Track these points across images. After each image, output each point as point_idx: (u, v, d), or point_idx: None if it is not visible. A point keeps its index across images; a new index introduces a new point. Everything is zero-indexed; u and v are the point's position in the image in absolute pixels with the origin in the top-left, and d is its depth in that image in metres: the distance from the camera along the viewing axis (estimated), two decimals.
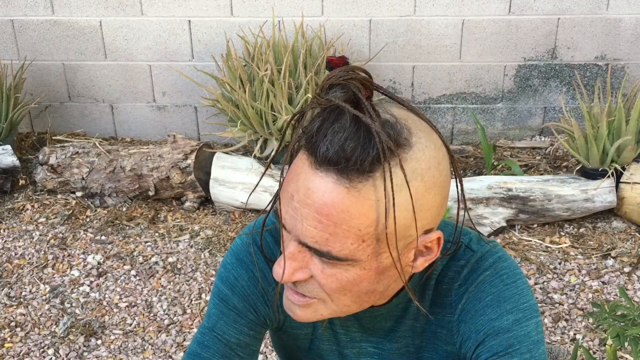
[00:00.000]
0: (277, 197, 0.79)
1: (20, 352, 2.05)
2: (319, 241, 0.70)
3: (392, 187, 0.67)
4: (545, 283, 2.29)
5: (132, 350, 2.06)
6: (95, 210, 2.72)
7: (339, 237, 0.69)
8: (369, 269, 0.73)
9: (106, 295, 2.28)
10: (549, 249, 2.46)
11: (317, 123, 0.68)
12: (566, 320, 2.13)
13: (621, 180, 2.53)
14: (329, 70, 0.69)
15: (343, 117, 0.67)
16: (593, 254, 2.42)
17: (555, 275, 2.33)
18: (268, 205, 0.85)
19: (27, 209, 2.74)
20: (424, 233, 0.74)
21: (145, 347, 2.07)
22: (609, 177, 2.53)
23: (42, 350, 2.06)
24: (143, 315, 2.19)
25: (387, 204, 0.68)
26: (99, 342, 2.09)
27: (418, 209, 0.70)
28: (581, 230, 2.55)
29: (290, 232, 0.73)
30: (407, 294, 0.86)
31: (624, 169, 2.55)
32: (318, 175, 0.68)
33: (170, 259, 2.45)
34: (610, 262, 2.38)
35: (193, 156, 2.68)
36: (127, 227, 2.63)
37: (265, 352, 2.01)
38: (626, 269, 2.34)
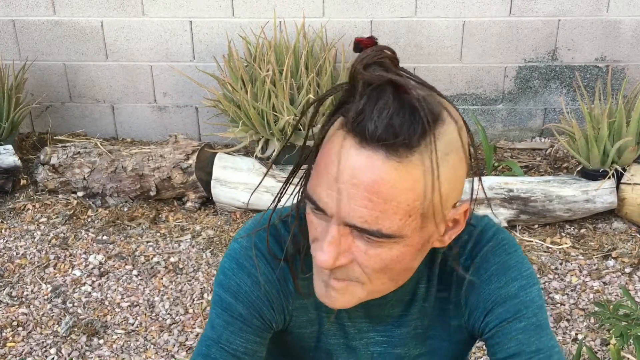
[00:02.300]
0: (283, 190, 0.79)
1: (22, 352, 2.05)
2: (369, 220, 0.70)
3: (437, 158, 0.68)
4: (546, 283, 2.30)
5: (134, 349, 2.06)
6: (97, 210, 2.72)
7: (389, 214, 0.69)
8: (411, 245, 0.74)
9: (108, 295, 2.28)
10: (549, 249, 2.47)
11: (361, 103, 0.68)
12: (567, 320, 2.14)
13: (622, 181, 2.54)
14: (358, 51, 0.69)
15: (385, 94, 0.67)
16: (594, 255, 2.43)
17: (556, 276, 2.33)
18: (269, 206, 0.84)
19: (28, 209, 2.73)
20: (453, 206, 0.76)
21: (148, 347, 2.07)
22: (609, 178, 2.54)
23: (44, 349, 2.06)
24: (145, 315, 2.20)
25: (433, 175, 0.69)
26: (101, 341, 2.09)
27: (454, 180, 0.73)
28: (582, 230, 2.56)
29: (333, 215, 0.71)
30: (415, 276, 0.86)
31: (624, 169, 2.56)
32: (364, 154, 0.68)
33: (171, 259, 2.45)
34: (611, 262, 2.39)
35: (194, 156, 2.68)
36: (129, 227, 2.63)
37: None
38: (627, 270, 2.35)
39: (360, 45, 0.69)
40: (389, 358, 0.93)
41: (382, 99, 0.67)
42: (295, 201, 0.83)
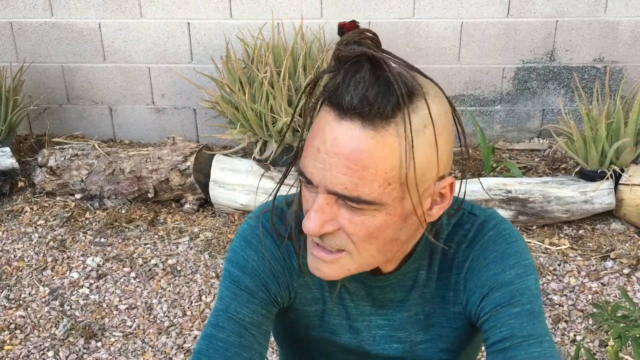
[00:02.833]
0: (288, 171, 0.85)
1: (20, 355, 2.05)
2: (349, 187, 0.74)
3: (411, 130, 0.73)
4: (544, 285, 2.30)
5: (132, 352, 2.05)
6: (95, 213, 2.72)
7: (367, 180, 0.73)
8: (394, 214, 0.77)
9: (106, 298, 2.28)
10: (548, 250, 2.46)
11: (339, 78, 0.73)
12: (566, 321, 2.14)
13: (620, 182, 2.54)
14: (341, 35, 0.74)
15: (362, 70, 0.72)
16: (592, 256, 2.43)
17: (554, 277, 2.33)
18: (273, 190, 0.89)
19: (26, 211, 2.73)
20: (437, 180, 0.79)
21: (145, 349, 2.06)
22: (607, 178, 2.53)
23: (41, 352, 2.06)
24: (143, 317, 2.19)
25: (407, 147, 0.73)
26: (99, 344, 2.09)
27: (433, 153, 0.76)
28: (580, 231, 2.56)
29: (318, 185, 0.76)
30: (416, 261, 0.90)
31: (622, 170, 2.56)
32: (343, 125, 0.73)
33: (169, 261, 2.45)
34: (609, 263, 2.39)
35: (192, 158, 2.68)
36: (127, 229, 2.63)
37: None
38: (625, 271, 2.35)
39: (343, 29, 0.74)
40: (391, 341, 0.96)
41: (358, 73, 0.72)
42: (299, 187, 0.88)
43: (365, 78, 0.72)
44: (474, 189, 2.55)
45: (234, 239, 0.93)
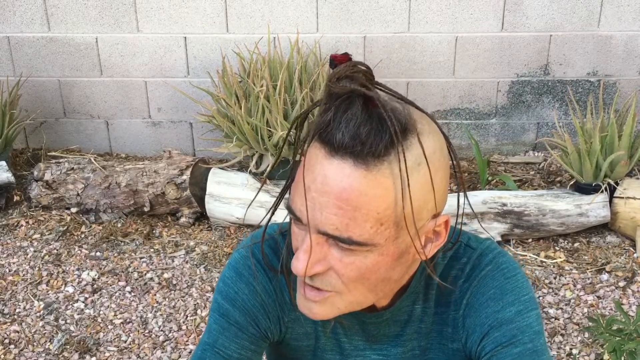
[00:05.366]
0: (280, 199, 0.81)
1: None
2: (340, 227, 0.71)
3: (406, 168, 0.70)
4: (540, 298, 2.30)
5: None
6: (90, 226, 2.72)
7: (359, 221, 0.71)
8: (387, 254, 0.74)
9: (101, 312, 2.27)
10: (544, 263, 2.47)
11: (330, 114, 0.70)
12: (562, 334, 2.14)
13: (615, 195, 2.55)
14: (333, 67, 0.71)
15: (354, 106, 0.70)
16: (588, 269, 2.43)
17: (550, 290, 2.33)
18: (264, 218, 0.87)
19: (22, 225, 2.72)
20: (432, 217, 0.76)
21: None
22: (602, 191, 2.54)
23: None
24: (138, 331, 2.18)
25: (402, 185, 0.71)
26: (94, 359, 2.07)
27: (428, 191, 0.74)
28: (576, 244, 2.57)
29: (307, 224, 0.74)
30: (411, 296, 0.87)
31: (617, 183, 2.57)
32: (334, 163, 0.70)
33: (165, 275, 2.44)
34: (604, 276, 2.39)
35: (189, 172, 2.68)
36: (122, 243, 2.62)
37: None
38: (621, 284, 2.35)
39: (335, 61, 0.71)
40: None
41: (350, 110, 0.70)
42: (290, 222, 0.85)
43: (357, 115, 0.69)
44: (461, 203, 2.56)
45: (225, 269, 0.90)
